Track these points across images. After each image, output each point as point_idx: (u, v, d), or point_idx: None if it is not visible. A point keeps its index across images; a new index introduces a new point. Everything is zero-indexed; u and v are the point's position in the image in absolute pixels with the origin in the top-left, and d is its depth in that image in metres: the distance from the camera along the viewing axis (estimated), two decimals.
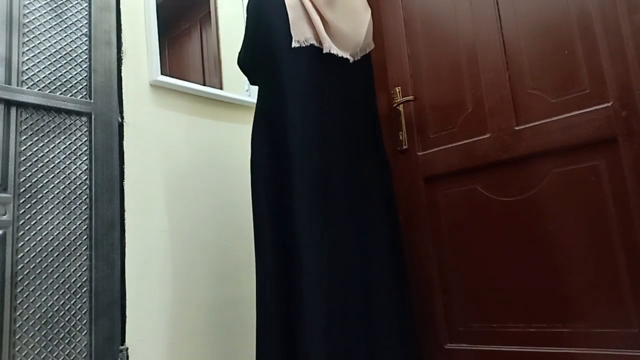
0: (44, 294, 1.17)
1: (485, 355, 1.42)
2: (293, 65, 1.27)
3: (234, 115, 1.76)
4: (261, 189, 1.30)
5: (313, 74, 1.28)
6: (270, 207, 1.27)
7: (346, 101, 1.34)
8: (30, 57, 1.26)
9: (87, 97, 1.34)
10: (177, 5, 1.73)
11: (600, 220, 1.26)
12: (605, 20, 1.28)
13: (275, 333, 1.21)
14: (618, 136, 1.24)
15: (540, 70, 1.39)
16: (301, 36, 1.27)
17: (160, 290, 1.41)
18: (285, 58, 1.27)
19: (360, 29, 1.38)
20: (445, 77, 1.60)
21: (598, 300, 1.25)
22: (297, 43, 1.26)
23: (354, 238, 1.27)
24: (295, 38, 1.26)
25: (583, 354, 1.25)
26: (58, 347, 1.17)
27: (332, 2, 1.32)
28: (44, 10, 1.31)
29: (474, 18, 1.54)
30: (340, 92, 1.33)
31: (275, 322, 1.21)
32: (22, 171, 1.20)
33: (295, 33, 1.27)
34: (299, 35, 1.27)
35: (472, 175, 1.51)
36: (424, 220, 1.61)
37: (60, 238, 1.22)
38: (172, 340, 1.40)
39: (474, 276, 1.48)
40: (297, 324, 1.17)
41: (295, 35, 1.26)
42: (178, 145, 1.55)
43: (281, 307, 1.21)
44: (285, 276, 1.22)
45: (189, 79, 1.63)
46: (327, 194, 1.24)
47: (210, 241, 1.57)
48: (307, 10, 1.28)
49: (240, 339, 1.58)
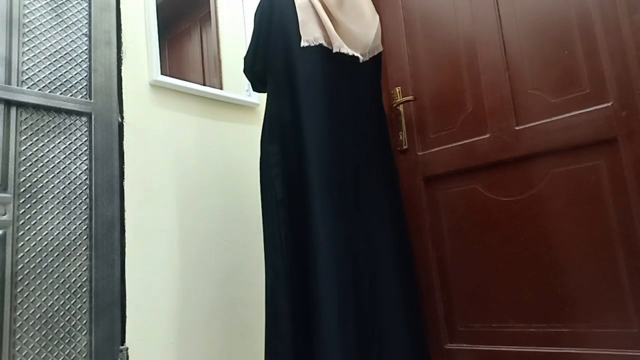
0: (44, 293, 1.17)
1: (485, 355, 1.42)
2: (305, 65, 1.29)
3: (234, 115, 1.76)
4: (274, 189, 1.29)
5: (324, 74, 1.30)
6: (285, 207, 1.27)
7: (356, 101, 1.36)
8: (30, 57, 1.26)
9: (87, 97, 1.34)
10: (177, 5, 1.73)
11: (600, 220, 1.26)
12: (605, 20, 1.28)
13: (288, 332, 1.21)
14: (618, 136, 1.24)
15: (540, 70, 1.39)
16: (310, 36, 1.30)
17: (160, 290, 1.41)
18: (298, 58, 1.29)
19: (369, 31, 1.41)
20: (445, 77, 1.60)
21: (598, 300, 1.25)
22: (307, 42, 1.29)
23: (365, 236, 1.29)
24: (305, 38, 1.29)
25: (583, 354, 1.25)
26: (58, 347, 1.17)
27: (341, 3, 1.35)
28: (44, 10, 1.31)
29: (474, 18, 1.54)
30: (350, 92, 1.35)
31: (289, 321, 1.21)
32: (22, 171, 1.19)
33: (305, 33, 1.29)
34: (308, 35, 1.30)
35: (472, 175, 1.51)
36: (424, 220, 1.61)
37: (60, 238, 1.22)
38: (172, 340, 1.40)
39: (474, 276, 1.48)
40: (312, 323, 1.18)
41: (305, 35, 1.29)
42: (178, 145, 1.55)
43: (294, 306, 1.22)
44: (299, 276, 1.23)
45: (188, 79, 1.63)
46: (341, 194, 1.26)
47: (210, 241, 1.57)
48: (317, 11, 1.31)
49: (240, 339, 1.58)
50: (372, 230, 1.31)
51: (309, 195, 1.22)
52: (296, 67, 1.29)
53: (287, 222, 1.26)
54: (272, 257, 1.27)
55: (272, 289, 1.26)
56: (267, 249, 1.30)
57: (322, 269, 1.18)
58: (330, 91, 1.30)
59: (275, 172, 1.29)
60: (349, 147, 1.31)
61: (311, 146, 1.25)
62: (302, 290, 1.21)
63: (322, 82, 1.29)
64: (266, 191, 1.32)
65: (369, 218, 1.31)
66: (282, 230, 1.26)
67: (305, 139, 1.25)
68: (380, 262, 1.30)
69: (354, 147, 1.32)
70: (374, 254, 1.29)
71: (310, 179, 1.23)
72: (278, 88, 1.34)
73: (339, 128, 1.30)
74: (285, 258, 1.24)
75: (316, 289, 1.18)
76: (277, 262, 1.26)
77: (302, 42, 1.29)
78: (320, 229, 1.20)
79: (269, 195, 1.30)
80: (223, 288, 1.57)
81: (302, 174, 1.25)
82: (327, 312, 1.16)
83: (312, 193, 1.22)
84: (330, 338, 1.14)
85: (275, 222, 1.27)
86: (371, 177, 1.34)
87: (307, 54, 1.29)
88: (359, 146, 1.34)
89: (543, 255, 1.35)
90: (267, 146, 1.33)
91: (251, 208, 1.71)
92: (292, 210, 1.26)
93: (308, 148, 1.25)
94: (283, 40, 1.32)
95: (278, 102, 1.33)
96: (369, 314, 1.25)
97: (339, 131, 1.29)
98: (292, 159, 1.27)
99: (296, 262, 1.23)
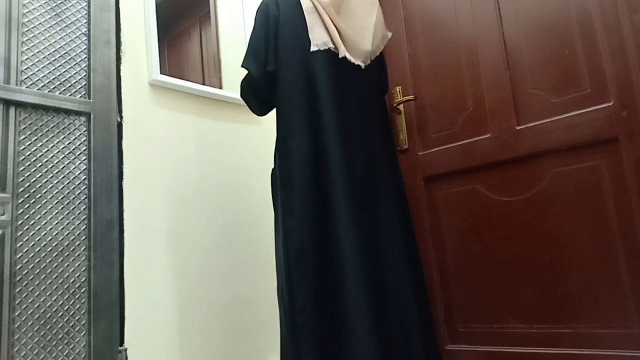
0: (43, 294, 1.17)
1: (486, 356, 1.42)
2: (317, 68, 1.30)
3: (234, 115, 1.75)
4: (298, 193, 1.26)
5: (332, 76, 1.31)
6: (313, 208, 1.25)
7: (361, 103, 1.37)
8: (29, 56, 1.25)
9: (86, 96, 1.34)
10: (176, 5, 1.72)
11: (600, 220, 1.26)
12: (605, 20, 1.28)
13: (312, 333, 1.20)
14: (619, 136, 1.24)
15: (540, 70, 1.39)
16: (319, 40, 1.31)
17: (160, 290, 1.41)
18: (310, 62, 1.30)
19: (366, 36, 1.41)
20: (446, 77, 1.59)
21: (599, 301, 1.25)
22: (316, 47, 1.30)
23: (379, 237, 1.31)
24: (314, 42, 1.30)
25: (584, 355, 1.25)
26: (57, 348, 1.17)
27: (339, 9, 1.35)
28: (43, 9, 1.30)
29: (474, 17, 1.53)
30: (355, 95, 1.37)
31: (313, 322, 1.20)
32: (21, 171, 1.19)
33: (313, 37, 1.31)
34: (317, 39, 1.31)
35: (472, 175, 1.51)
36: (424, 220, 1.60)
37: (59, 238, 1.22)
38: (171, 340, 1.40)
39: (474, 276, 1.47)
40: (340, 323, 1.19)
41: (314, 40, 1.31)
42: (177, 145, 1.55)
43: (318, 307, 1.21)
44: (326, 276, 1.22)
45: (188, 79, 1.62)
46: (355, 195, 1.27)
47: (209, 241, 1.57)
48: (322, 16, 1.33)
49: (240, 339, 1.57)
50: (383, 230, 1.32)
51: (335, 199, 1.23)
52: (312, 70, 1.30)
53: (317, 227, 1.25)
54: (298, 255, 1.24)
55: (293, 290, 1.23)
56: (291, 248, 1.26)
57: (350, 268, 1.19)
58: (339, 94, 1.31)
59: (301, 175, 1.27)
60: (357, 148, 1.32)
61: (335, 149, 1.26)
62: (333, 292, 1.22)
63: (331, 85, 1.30)
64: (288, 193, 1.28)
65: (379, 217, 1.33)
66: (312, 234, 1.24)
67: (326, 138, 1.26)
68: (392, 261, 1.31)
69: (361, 149, 1.33)
70: (386, 252, 1.31)
71: (335, 180, 1.24)
72: (293, 88, 1.31)
73: (349, 129, 1.31)
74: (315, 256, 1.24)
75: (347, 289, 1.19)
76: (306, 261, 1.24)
77: (312, 47, 1.30)
78: (346, 230, 1.21)
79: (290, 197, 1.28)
80: (222, 288, 1.56)
81: (327, 177, 1.25)
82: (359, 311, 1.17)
83: (337, 194, 1.23)
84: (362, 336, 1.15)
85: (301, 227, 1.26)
86: (378, 178, 1.36)
87: (317, 58, 1.30)
88: (366, 147, 1.35)
89: (543, 255, 1.34)
90: (290, 150, 1.29)
91: (250, 208, 1.71)
92: (319, 212, 1.25)
93: (329, 147, 1.26)
94: (294, 42, 1.31)
95: (293, 102, 1.31)
96: (389, 311, 1.27)
97: (350, 133, 1.31)
98: (317, 163, 1.27)
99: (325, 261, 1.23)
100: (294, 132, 1.29)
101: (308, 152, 1.27)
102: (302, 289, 1.21)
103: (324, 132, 1.27)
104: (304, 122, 1.29)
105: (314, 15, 1.33)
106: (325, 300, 1.21)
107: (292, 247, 1.24)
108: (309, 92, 1.29)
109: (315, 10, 1.33)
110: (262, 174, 1.74)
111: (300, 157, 1.27)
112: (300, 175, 1.26)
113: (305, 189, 1.26)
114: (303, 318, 1.20)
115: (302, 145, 1.28)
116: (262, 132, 1.81)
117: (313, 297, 1.21)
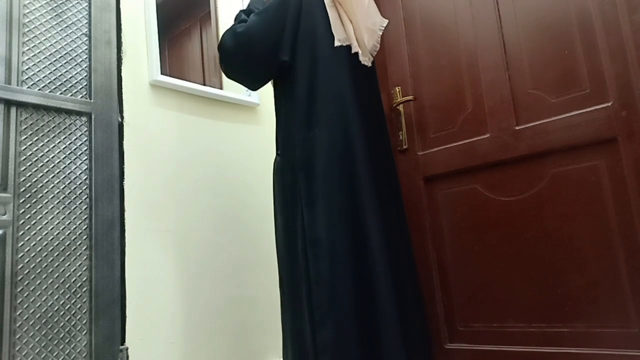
0: (44, 293, 1.17)
1: (485, 355, 1.42)
2: (343, 65, 1.32)
3: (234, 115, 1.75)
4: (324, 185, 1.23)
5: (355, 73, 1.34)
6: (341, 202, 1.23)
7: (370, 100, 1.40)
8: (30, 56, 1.26)
9: (87, 97, 1.34)
10: (177, 5, 1.72)
11: (600, 220, 1.26)
12: (605, 20, 1.28)
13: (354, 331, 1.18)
14: (618, 136, 1.24)
15: (540, 70, 1.39)
16: (341, 35, 1.34)
17: (160, 290, 1.41)
18: (335, 56, 1.32)
19: (369, 32, 1.43)
20: (445, 77, 1.60)
21: (598, 300, 1.25)
22: (339, 42, 1.33)
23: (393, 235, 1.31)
24: (337, 37, 1.33)
25: (583, 354, 1.25)
26: (58, 347, 1.17)
27: (353, 7, 1.37)
28: (44, 10, 1.31)
29: (474, 18, 1.54)
30: (368, 92, 1.39)
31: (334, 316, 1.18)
32: (22, 171, 1.19)
33: (336, 32, 1.33)
34: (339, 34, 1.34)
35: (472, 175, 1.51)
36: (424, 220, 1.61)
37: (60, 238, 1.22)
38: (172, 340, 1.40)
39: (474, 276, 1.48)
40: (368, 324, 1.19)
41: (337, 34, 1.33)
42: (178, 145, 1.55)
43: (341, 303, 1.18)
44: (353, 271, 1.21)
45: (189, 79, 1.62)
46: (382, 190, 1.29)
47: (210, 241, 1.57)
48: (339, 12, 1.36)
49: (240, 339, 1.58)
50: (394, 227, 1.33)
51: (361, 193, 1.24)
52: (336, 65, 1.31)
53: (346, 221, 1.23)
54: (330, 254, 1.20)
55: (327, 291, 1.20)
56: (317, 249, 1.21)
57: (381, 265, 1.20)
58: (357, 90, 1.33)
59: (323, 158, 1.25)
60: (375, 144, 1.34)
61: (357, 139, 1.26)
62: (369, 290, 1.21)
63: (352, 80, 1.32)
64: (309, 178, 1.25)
65: (392, 215, 1.34)
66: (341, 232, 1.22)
67: (352, 131, 1.27)
68: (402, 260, 1.33)
69: (378, 145, 1.36)
70: (398, 252, 1.32)
71: (360, 172, 1.25)
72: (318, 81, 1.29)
73: (368, 125, 1.33)
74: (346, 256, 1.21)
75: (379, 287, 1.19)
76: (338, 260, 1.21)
77: (335, 42, 1.32)
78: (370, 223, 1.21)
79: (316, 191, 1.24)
80: (223, 288, 1.57)
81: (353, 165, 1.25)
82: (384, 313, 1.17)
83: (362, 187, 1.24)
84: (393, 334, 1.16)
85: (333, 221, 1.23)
86: (385, 174, 1.37)
87: (340, 53, 1.32)
88: (381, 144, 1.38)
89: (543, 255, 1.35)
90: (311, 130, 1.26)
91: (251, 207, 1.71)
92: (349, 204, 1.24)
93: (355, 141, 1.26)
94: (317, 35, 1.31)
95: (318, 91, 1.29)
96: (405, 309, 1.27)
97: (369, 128, 1.33)
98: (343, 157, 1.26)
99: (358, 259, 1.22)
100: (316, 124, 1.26)
101: (334, 144, 1.25)
102: (324, 284, 1.17)
103: (351, 125, 1.27)
104: (329, 114, 1.28)
105: (334, 10, 1.35)
106: (349, 296, 1.18)
107: (315, 241, 1.18)
108: (334, 86, 1.30)
109: (334, 5, 1.35)
110: (263, 173, 1.75)
111: (326, 148, 1.24)
112: (326, 167, 1.23)
113: (333, 182, 1.22)
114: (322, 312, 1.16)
115: (327, 137, 1.25)
116: (263, 132, 1.82)
117: (335, 294, 1.17)
